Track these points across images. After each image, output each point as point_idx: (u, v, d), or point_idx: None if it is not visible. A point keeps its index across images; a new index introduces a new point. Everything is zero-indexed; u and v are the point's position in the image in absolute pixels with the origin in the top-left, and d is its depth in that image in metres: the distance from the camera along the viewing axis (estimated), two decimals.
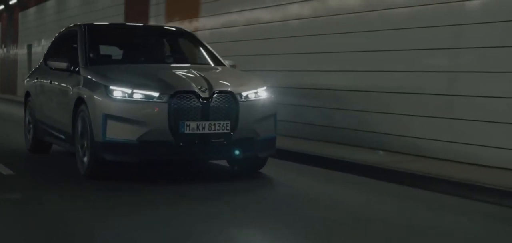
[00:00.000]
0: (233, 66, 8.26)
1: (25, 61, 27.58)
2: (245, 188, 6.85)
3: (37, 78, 9.16)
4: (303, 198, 6.50)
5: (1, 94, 29.33)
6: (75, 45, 7.97)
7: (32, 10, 28.24)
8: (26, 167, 8.45)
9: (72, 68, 7.68)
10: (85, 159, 6.98)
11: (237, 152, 6.93)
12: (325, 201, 6.36)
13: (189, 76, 7.10)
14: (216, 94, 6.74)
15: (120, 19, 17.51)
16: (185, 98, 6.64)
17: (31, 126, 9.26)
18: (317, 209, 5.90)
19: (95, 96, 6.83)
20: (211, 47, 8.55)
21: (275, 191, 6.96)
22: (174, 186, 6.85)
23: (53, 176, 7.57)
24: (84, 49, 7.74)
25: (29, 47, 27.40)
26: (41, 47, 23.90)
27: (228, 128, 6.74)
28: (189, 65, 8.05)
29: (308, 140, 9.76)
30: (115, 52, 8.69)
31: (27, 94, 9.55)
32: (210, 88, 6.76)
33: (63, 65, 7.79)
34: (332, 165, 8.05)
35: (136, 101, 6.65)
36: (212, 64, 8.17)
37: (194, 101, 6.64)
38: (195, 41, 8.69)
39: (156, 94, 6.62)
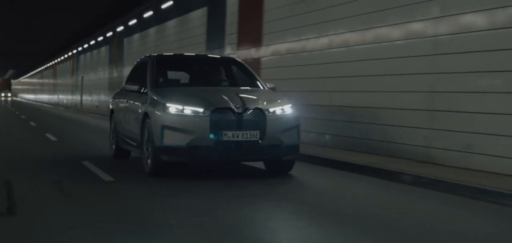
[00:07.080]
0: (272, 88, 10.02)
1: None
2: (274, 182, 8.64)
3: (118, 98, 11.28)
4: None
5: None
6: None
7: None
8: (112, 167, 10.52)
9: (142, 90, 9.70)
10: (149, 161, 8.94)
11: None
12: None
13: (229, 95, 8.80)
14: (248, 110, 8.54)
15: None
16: (223, 113, 8.44)
17: (114, 137, 11.41)
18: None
19: (156, 111, 8.73)
20: (255, 72, 10.39)
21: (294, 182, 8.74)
22: (219, 181, 8.69)
23: (128, 173, 9.58)
24: (151, 75, 9.70)
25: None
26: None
27: (258, 136, 8.50)
28: (234, 87, 9.86)
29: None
30: (180, 76, 10.73)
31: (111, 111, 11.69)
32: (243, 105, 8.54)
33: (135, 87, 9.81)
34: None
35: (186, 115, 8.49)
36: (253, 86, 9.90)
37: (230, 115, 8.44)
38: (243, 68, 10.50)
39: (201, 110, 8.46)
